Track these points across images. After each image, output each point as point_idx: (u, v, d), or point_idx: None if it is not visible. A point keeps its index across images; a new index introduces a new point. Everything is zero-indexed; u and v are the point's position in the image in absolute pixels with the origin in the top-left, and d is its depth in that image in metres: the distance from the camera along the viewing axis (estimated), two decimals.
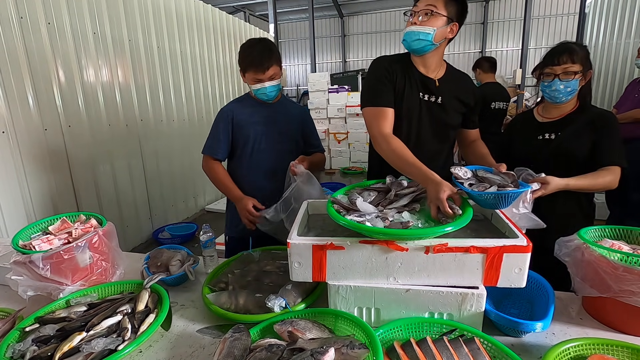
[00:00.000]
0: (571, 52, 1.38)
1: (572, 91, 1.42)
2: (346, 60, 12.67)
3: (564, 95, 1.42)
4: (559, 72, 1.39)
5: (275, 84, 1.63)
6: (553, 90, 1.43)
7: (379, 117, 1.37)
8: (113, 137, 3.40)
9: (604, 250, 1.00)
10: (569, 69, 1.38)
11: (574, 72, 1.38)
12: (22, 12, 2.57)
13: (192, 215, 4.78)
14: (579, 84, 1.41)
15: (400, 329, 0.95)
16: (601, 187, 1.39)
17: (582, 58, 1.38)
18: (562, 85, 1.40)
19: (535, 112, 1.60)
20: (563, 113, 1.50)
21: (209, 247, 1.41)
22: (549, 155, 1.48)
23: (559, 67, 1.39)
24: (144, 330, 0.97)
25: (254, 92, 1.66)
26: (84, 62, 3.08)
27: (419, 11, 1.31)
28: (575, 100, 1.49)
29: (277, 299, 1.03)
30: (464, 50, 11.73)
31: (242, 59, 1.61)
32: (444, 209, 1.00)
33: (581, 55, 1.39)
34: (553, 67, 1.41)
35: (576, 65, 1.37)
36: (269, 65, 1.57)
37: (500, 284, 0.96)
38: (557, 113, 1.51)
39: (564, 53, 1.38)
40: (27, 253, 1.13)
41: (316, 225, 1.22)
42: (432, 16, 1.30)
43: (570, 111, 1.49)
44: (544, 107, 1.57)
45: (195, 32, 4.70)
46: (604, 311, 1.03)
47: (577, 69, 1.38)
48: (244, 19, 10.93)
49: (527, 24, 9.25)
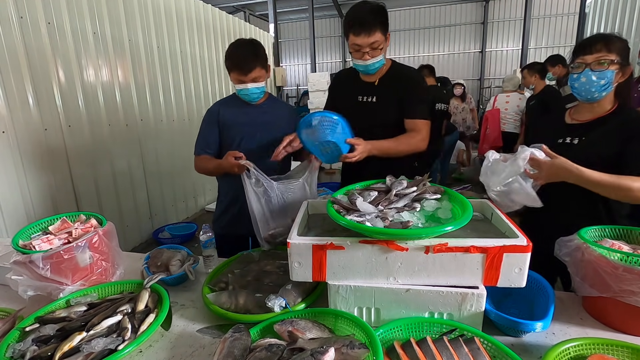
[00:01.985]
0: (606, 41, 1.17)
1: (606, 85, 1.17)
2: (346, 60, 12.67)
3: (596, 89, 1.18)
4: (591, 61, 1.17)
5: (258, 86, 1.62)
6: (583, 82, 1.19)
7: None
8: (113, 136, 3.40)
9: (604, 250, 1.00)
10: (602, 58, 1.15)
11: (609, 60, 1.15)
12: (22, 11, 2.57)
13: (192, 215, 4.78)
14: (615, 78, 1.18)
15: (400, 328, 0.95)
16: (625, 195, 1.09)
17: (620, 49, 1.17)
18: (594, 76, 1.17)
19: (567, 115, 1.37)
20: (596, 114, 1.25)
21: (208, 247, 1.41)
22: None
23: (591, 57, 1.17)
24: (144, 330, 0.97)
25: (237, 92, 1.67)
26: (84, 61, 3.08)
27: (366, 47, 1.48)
28: (613, 100, 1.24)
29: (277, 298, 1.03)
30: (464, 50, 11.73)
31: (226, 59, 1.62)
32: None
33: (619, 46, 1.17)
34: (584, 56, 1.19)
35: (612, 54, 1.15)
36: (251, 67, 1.56)
37: (500, 283, 0.96)
38: (589, 114, 1.27)
39: (599, 41, 1.17)
40: (27, 253, 1.13)
41: (316, 225, 1.22)
42: (379, 49, 1.49)
43: (605, 113, 1.24)
44: (576, 108, 1.35)
45: (195, 32, 4.70)
46: (604, 311, 1.03)
47: (613, 59, 1.16)
48: (244, 19, 10.93)
49: (527, 24, 9.27)
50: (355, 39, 1.46)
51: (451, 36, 11.73)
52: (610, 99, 1.24)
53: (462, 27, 11.57)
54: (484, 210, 1.23)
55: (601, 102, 1.24)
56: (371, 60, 1.50)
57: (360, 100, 1.64)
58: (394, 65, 1.65)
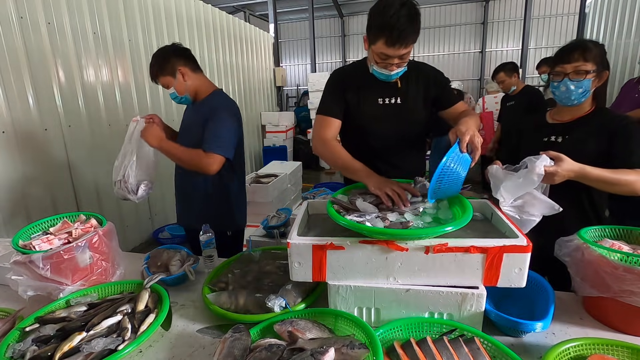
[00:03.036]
0: (584, 50, 1.26)
1: (584, 92, 1.29)
2: (346, 60, 12.66)
3: (575, 97, 1.30)
4: (570, 70, 1.27)
5: (171, 92, 1.72)
6: (563, 91, 1.31)
7: (322, 124, 1.50)
8: (113, 137, 3.40)
9: (603, 250, 1.00)
10: (580, 68, 1.26)
11: (585, 71, 1.26)
12: (22, 11, 2.57)
13: None
14: (592, 84, 1.29)
15: (400, 329, 0.96)
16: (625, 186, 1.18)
17: (595, 56, 1.26)
18: (572, 86, 1.28)
19: (548, 115, 1.48)
20: (575, 115, 1.37)
21: (209, 247, 1.41)
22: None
23: (569, 66, 1.27)
24: (144, 330, 0.97)
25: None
26: (84, 62, 3.08)
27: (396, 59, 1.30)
28: (591, 102, 1.36)
29: (277, 298, 1.03)
30: (464, 50, 11.71)
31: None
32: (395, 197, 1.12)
33: (595, 53, 1.26)
34: (563, 65, 1.29)
35: (589, 64, 1.25)
36: (155, 78, 1.73)
37: (500, 284, 0.96)
38: (568, 115, 1.39)
39: (576, 50, 1.27)
40: (27, 253, 1.13)
41: (316, 225, 1.22)
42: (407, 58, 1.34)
43: (584, 114, 1.36)
44: (556, 109, 1.45)
45: (195, 32, 4.70)
46: (604, 311, 1.03)
47: (590, 68, 1.26)
48: (244, 19, 10.93)
49: (527, 24, 9.26)
50: (386, 49, 1.25)
51: (451, 36, 11.71)
52: (588, 101, 1.35)
53: (462, 27, 11.55)
54: (484, 211, 1.24)
55: (580, 105, 1.35)
56: (396, 70, 1.34)
57: (382, 102, 1.51)
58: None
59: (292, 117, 7.50)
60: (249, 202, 2.07)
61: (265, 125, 6.96)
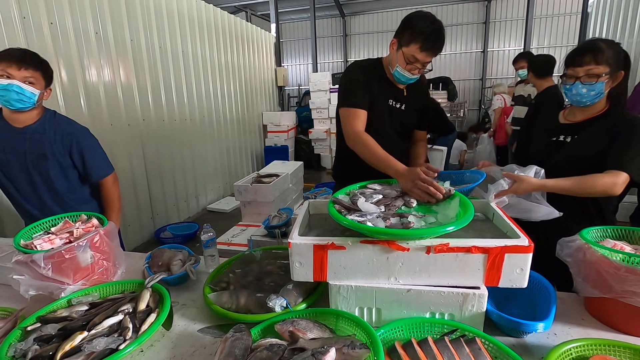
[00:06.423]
0: (595, 52, 1.23)
1: (597, 95, 1.27)
2: (348, 60, 12.66)
3: (587, 99, 1.29)
4: (581, 74, 1.25)
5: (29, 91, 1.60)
6: (574, 94, 1.29)
7: (352, 116, 1.53)
8: (115, 136, 3.41)
9: (605, 251, 1.00)
10: (592, 72, 1.23)
11: (597, 74, 1.23)
12: (25, 12, 2.58)
13: (193, 215, 4.79)
14: (606, 86, 1.26)
15: (402, 329, 0.95)
16: (591, 192, 1.23)
17: (608, 58, 1.23)
18: (584, 89, 1.26)
19: (561, 115, 1.47)
20: (587, 115, 1.35)
21: (210, 247, 1.41)
22: (560, 159, 1.37)
23: (581, 69, 1.25)
24: (145, 329, 0.97)
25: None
26: (86, 62, 3.09)
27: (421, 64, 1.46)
28: (605, 102, 1.34)
29: (278, 298, 1.03)
30: (466, 50, 11.69)
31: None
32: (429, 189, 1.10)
33: (608, 55, 1.23)
34: (575, 68, 1.26)
35: (601, 66, 1.22)
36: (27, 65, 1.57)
37: (501, 284, 0.96)
38: (581, 116, 1.37)
39: (587, 53, 1.24)
40: (28, 252, 1.13)
41: (317, 225, 1.22)
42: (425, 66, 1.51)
43: (596, 114, 1.34)
44: (570, 109, 1.43)
45: (197, 32, 4.71)
46: (606, 312, 1.03)
47: (602, 71, 1.23)
48: (246, 19, 10.93)
49: (529, 24, 9.23)
50: (419, 53, 1.41)
51: (453, 36, 11.69)
52: (602, 101, 1.33)
53: (464, 27, 11.54)
54: (485, 211, 1.23)
55: (593, 105, 1.33)
56: (416, 75, 1.51)
57: (390, 104, 1.63)
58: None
59: (293, 117, 7.50)
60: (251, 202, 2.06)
61: (266, 125, 6.97)
